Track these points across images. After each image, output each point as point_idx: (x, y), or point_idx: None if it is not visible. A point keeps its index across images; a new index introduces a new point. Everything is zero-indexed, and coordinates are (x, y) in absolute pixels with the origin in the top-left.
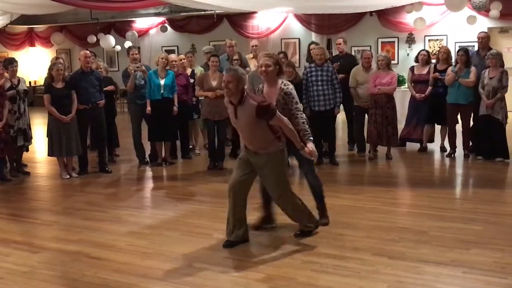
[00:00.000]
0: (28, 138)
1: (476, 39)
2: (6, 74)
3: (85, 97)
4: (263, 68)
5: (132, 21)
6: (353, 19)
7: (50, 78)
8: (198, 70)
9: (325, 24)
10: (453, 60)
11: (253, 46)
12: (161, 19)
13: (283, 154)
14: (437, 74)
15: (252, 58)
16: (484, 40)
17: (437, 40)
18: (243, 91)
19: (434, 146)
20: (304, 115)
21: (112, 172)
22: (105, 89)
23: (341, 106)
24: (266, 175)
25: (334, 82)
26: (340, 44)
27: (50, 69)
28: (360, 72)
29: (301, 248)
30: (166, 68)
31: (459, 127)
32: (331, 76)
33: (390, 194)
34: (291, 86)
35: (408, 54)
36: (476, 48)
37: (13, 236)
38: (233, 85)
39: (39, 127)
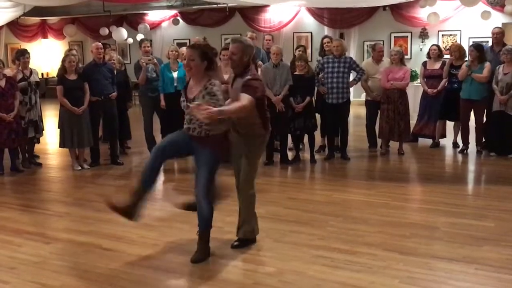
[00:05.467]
0: (39, 130)
1: (490, 35)
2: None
3: (97, 89)
4: (186, 61)
5: (144, 14)
6: (366, 14)
7: (63, 70)
8: None
9: (337, 18)
10: (467, 55)
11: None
12: (173, 12)
13: (262, 141)
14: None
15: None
16: (499, 35)
17: (451, 35)
18: (248, 64)
19: (447, 142)
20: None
21: (124, 164)
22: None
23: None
24: (242, 154)
25: (357, 69)
26: (269, 40)
27: (63, 60)
28: (370, 64)
29: (312, 243)
30: (178, 60)
31: (472, 123)
32: (349, 66)
33: (401, 190)
34: (216, 88)
35: (421, 49)
36: (490, 44)
37: (25, 226)
38: (237, 56)
39: (51, 118)
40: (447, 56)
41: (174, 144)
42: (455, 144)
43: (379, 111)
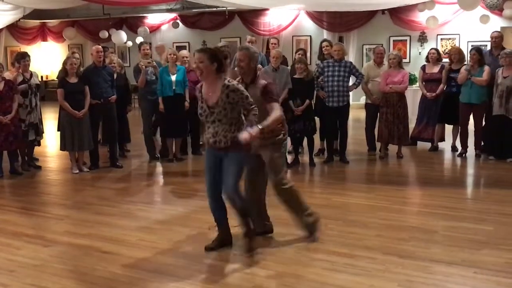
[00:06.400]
0: (39, 132)
1: (489, 39)
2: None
3: (97, 92)
4: (195, 65)
5: (144, 17)
6: (365, 17)
7: (64, 73)
8: None
9: (336, 21)
10: (467, 59)
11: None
12: (172, 15)
13: (280, 145)
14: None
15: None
16: (498, 39)
17: (450, 39)
18: (255, 70)
19: (445, 146)
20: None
21: (123, 167)
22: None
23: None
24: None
25: (357, 74)
26: (275, 44)
27: (65, 63)
28: (372, 67)
29: (311, 246)
30: (176, 63)
31: (470, 127)
32: (349, 71)
33: (401, 193)
34: (237, 83)
35: (420, 52)
36: (489, 48)
37: (25, 229)
38: (245, 63)
39: (50, 121)
40: (446, 60)
41: (213, 173)
42: (453, 148)
43: (378, 114)
